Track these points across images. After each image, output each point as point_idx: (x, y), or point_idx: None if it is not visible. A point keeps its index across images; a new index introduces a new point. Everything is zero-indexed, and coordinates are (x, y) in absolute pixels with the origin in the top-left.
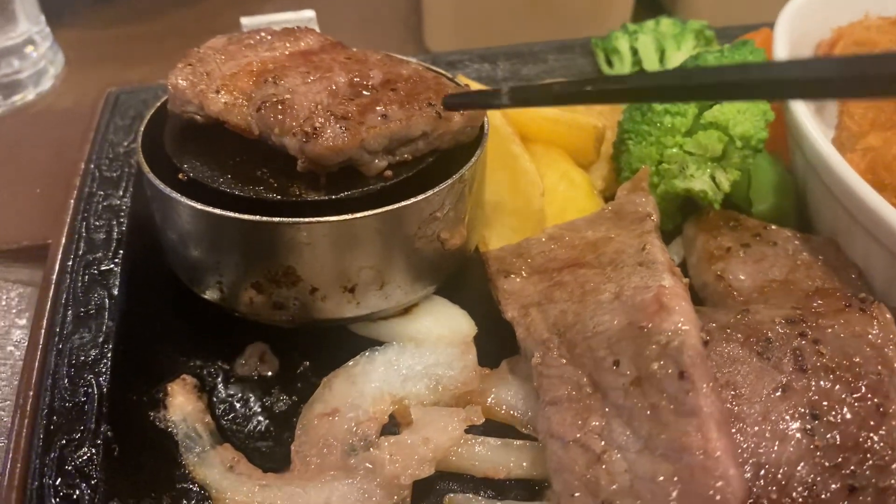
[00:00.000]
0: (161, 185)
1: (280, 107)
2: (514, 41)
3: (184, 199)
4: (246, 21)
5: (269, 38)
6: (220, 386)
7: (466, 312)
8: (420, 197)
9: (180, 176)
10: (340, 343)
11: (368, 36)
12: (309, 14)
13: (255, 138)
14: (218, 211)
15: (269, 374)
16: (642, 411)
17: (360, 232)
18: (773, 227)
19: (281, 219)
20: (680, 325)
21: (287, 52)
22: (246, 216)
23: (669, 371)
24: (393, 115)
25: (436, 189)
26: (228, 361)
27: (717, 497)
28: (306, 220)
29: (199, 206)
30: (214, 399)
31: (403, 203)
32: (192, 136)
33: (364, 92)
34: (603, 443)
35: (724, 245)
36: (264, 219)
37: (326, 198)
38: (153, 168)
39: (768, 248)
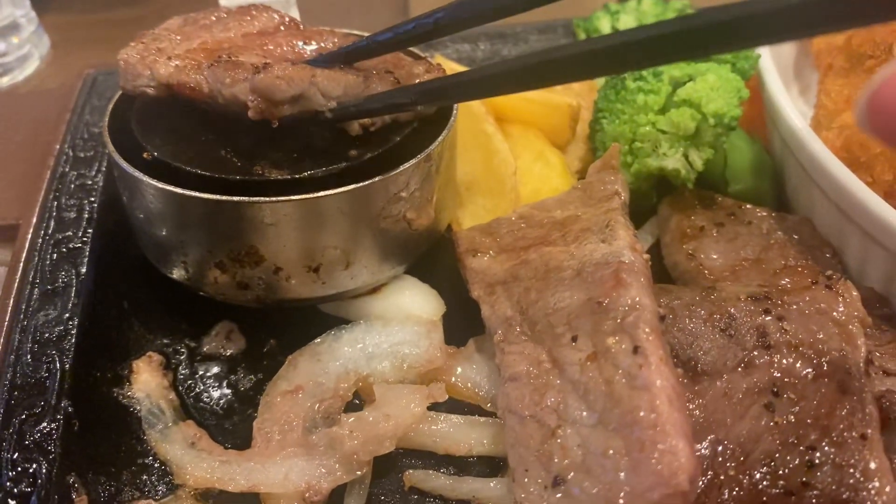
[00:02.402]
0: (124, 164)
1: (232, 62)
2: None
3: (146, 178)
4: (224, 2)
5: (224, 16)
6: (187, 364)
7: (436, 292)
8: (384, 176)
9: (145, 155)
10: (309, 322)
11: (353, 16)
12: None
13: (204, 99)
14: (179, 190)
15: (236, 352)
16: (598, 386)
17: (323, 211)
18: (748, 206)
19: (241, 198)
20: (637, 299)
21: (242, 32)
22: (206, 195)
23: (624, 346)
24: (350, 70)
25: (400, 168)
26: (196, 340)
27: (666, 471)
28: (267, 199)
29: (160, 184)
30: (180, 377)
31: (366, 182)
32: (159, 116)
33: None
34: (558, 418)
35: (697, 224)
36: (225, 198)
37: (289, 177)
38: (121, 148)
39: (742, 227)
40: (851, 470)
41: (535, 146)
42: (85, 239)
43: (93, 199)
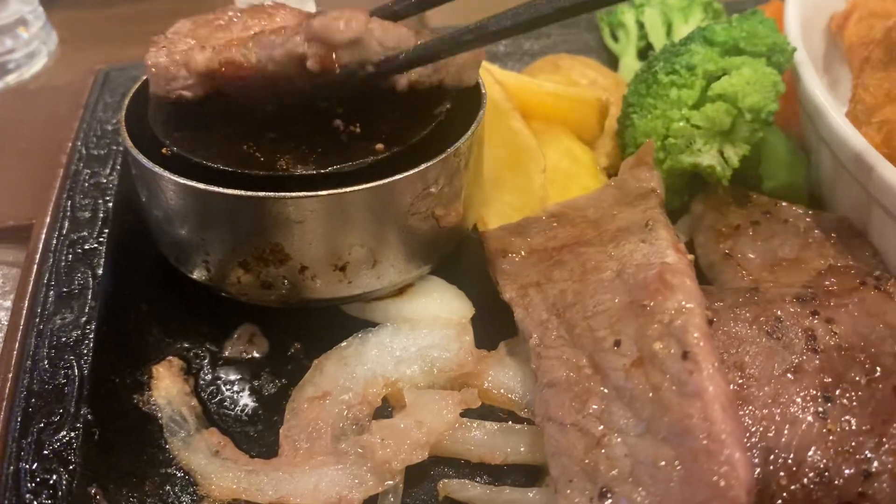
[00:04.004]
0: (144, 160)
1: (275, 29)
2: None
3: (166, 174)
4: (241, 3)
5: (239, 16)
6: (208, 368)
7: (463, 293)
8: (413, 171)
9: (164, 151)
10: (333, 325)
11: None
12: None
13: (250, 74)
14: (202, 185)
15: (259, 356)
16: (644, 393)
17: (350, 207)
18: (784, 203)
19: (267, 193)
20: (683, 303)
21: (265, 29)
22: (230, 190)
23: (672, 351)
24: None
25: (430, 163)
26: (217, 343)
27: (721, 483)
28: (293, 194)
29: (182, 180)
30: (202, 382)
31: (395, 177)
32: (178, 111)
33: None
34: (602, 426)
35: (732, 223)
36: (249, 193)
37: (315, 172)
38: (138, 144)
39: (779, 225)
40: None
41: (562, 142)
42: (101, 239)
43: (108, 198)
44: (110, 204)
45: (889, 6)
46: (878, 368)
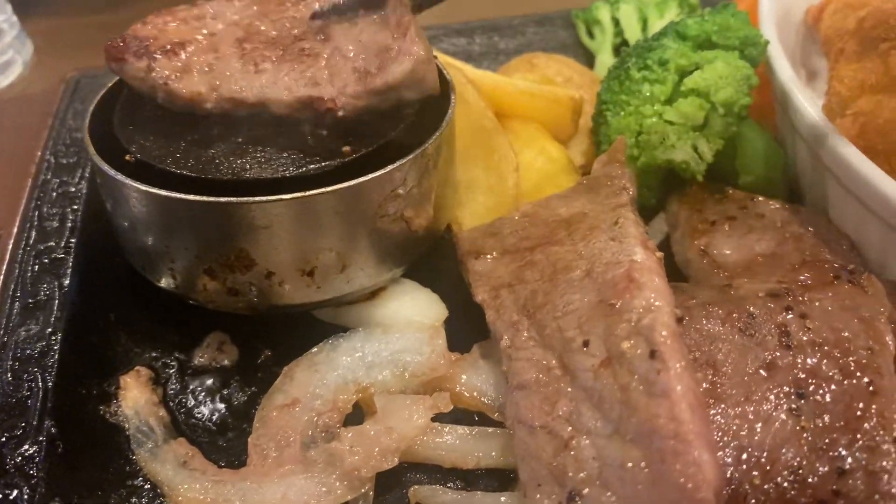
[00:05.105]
0: (106, 168)
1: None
2: (497, 11)
3: (128, 181)
4: None
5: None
6: (177, 378)
7: (437, 296)
8: (379, 172)
9: (128, 157)
10: (304, 331)
11: None
12: None
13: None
14: (164, 192)
15: (229, 364)
16: (612, 394)
17: (317, 211)
18: (761, 198)
19: (230, 198)
20: (652, 300)
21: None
22: (192, 196)
23: (640, 350)
24: None
25: (396, 164)
26: (186, 352)
27: (689, 484)
28: (257, 199)
29: (143, 187)
30: (170, 391)
31: (361, 179)
32: (142, 117)
33: None
34: (571, 428)
35: (708, 219)
36: (212, 199)
37: (281, 176)
38: (103, 151)
39: (755, 220)
40: (885, 476)
41: (536, 141)
42: (68, 248)
43: (76, 206)
44: (79, 213)
45: None
46: (852, 363)
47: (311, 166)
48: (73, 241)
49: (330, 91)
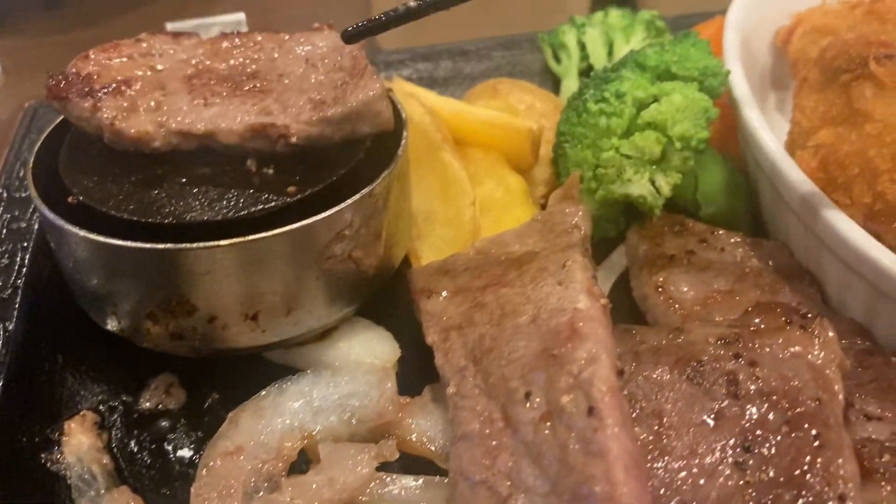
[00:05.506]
0: (45, 211)
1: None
2: (463, 33)
3: (66, 225)
4: (171, 27)
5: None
6: (123, 422)
7: (390, 334)
8: (323, 214)
9: (70, 199)
10: (254, 372)
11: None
12: (239, 17)
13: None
14: (101, 238)
15: (175, 407)
16: (551, 450)
17: (259, 255)
18: (721, 231)
19: (166, 245)
20: (593, 352)
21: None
22: (129, 243)
23: (579, 406)
24: None
25: (340, 206)
26: (133, 395)
27: None
28: (194, 245)
29: (81, 232)
30: (115, 436)
31: (303, 222)
32: (89, 154)
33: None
34: (510, 483)
35: (666, 253)
36: (149, 246)
37: (222, 218)
38: (48, 190)
39: (714, 254)
40: None
41: (496, 171)
42: (17, 286)
43: (26, 244)
44: (28, 250)
45: (832, 21)
46: (800, 414)
47: (255, 208)
48: (20, 281)
49: (283, 119)
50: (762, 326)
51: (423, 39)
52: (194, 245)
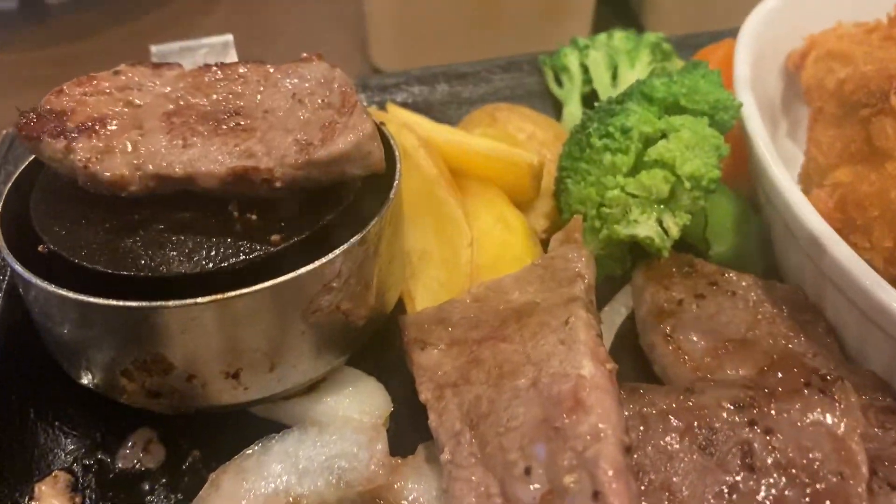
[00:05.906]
0: (13, 263)
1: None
2: (465, 54)
3: (34, 279)
4: (156, 49)
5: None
6: (98, 483)
7: (381, 386)
8: (308, 267)
9: (40, 248)
10: (237, 428)
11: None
12: (227, 38)
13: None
14: (72, 294)
15: (154, 466)
16: None
17: (237, 312)
18: (733, 273)
19: (140, 303)
20: (598, 427)
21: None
22: (99, 300)
23: (583, 487)
24: None
25: (328, 256)
26: (109, 452)
27: None
28: (169, 303)
29: (50, 287)
30: (90, 498)
31: (286, 277)
32: (62, 198)
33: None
34: None
35: (675, 297)
36: (122, 303)
37: (200, 271)
38: (18, 236)
39: (726, 298)
40: None
41: (495, 206)
42: None
43: None
44: None
45: (847, 47)
46: (821, 491)
47: (237, 259)
48: None
49: (266, 162)
50: (779, 389)
51: (418, 61)
52: (169, 303)
